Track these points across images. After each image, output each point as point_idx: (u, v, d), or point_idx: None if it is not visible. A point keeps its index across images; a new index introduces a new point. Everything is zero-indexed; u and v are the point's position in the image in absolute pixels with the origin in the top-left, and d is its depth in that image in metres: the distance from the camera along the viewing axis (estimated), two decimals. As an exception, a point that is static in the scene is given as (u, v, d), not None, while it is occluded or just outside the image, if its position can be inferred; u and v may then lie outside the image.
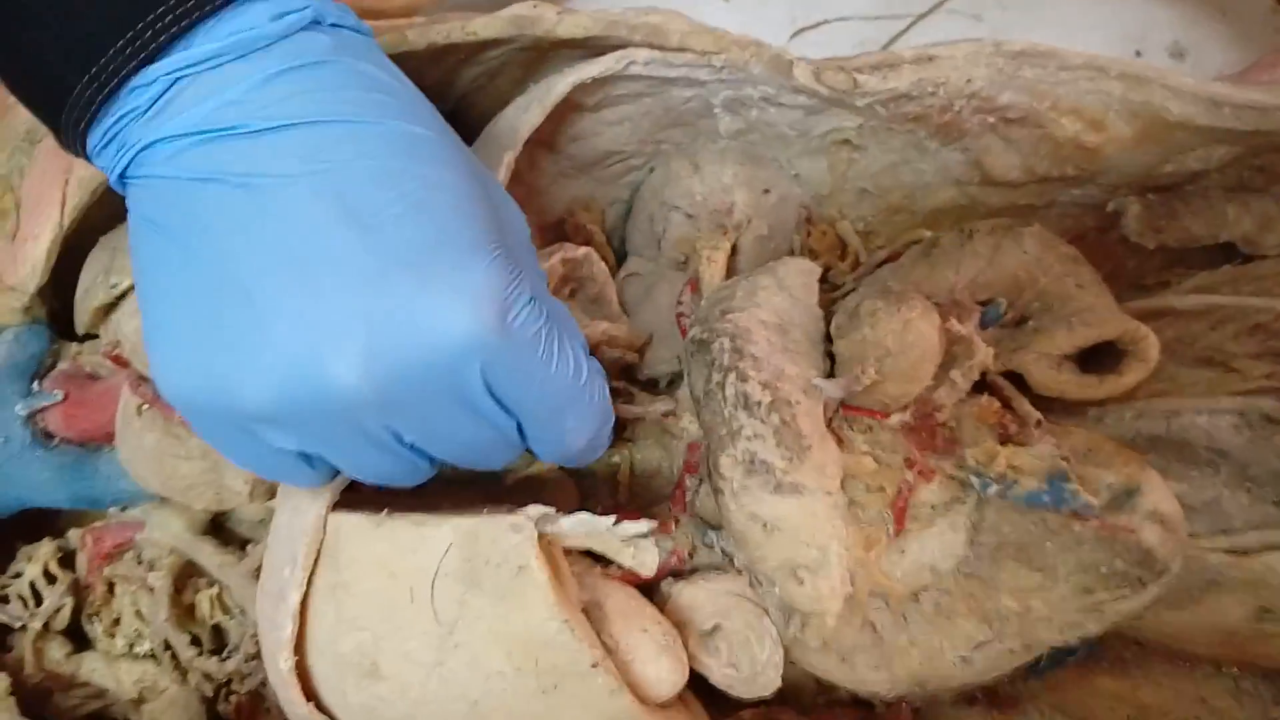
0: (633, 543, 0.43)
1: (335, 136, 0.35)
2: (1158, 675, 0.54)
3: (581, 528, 0.43)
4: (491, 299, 0.35)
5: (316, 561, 0.43)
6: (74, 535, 0.54)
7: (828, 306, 0.56)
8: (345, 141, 0.35)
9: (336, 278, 0.34)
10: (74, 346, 0.56)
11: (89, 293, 0.51)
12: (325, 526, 0.43)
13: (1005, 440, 0.50)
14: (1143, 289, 0.59)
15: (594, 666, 0.41)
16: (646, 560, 0.43)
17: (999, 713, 0.55)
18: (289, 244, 0.34)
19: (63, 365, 0.54)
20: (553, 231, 0.64)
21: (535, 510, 0.42)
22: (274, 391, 0.34)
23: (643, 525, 0.43)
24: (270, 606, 0.43)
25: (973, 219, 0.62)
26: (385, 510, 0.43)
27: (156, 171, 0.35)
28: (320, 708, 0.44)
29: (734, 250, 0.61)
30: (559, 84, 0.53)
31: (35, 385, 0.54)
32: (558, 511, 0.44)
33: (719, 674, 0.49)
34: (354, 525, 0.43)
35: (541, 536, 0.42)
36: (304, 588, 0.42)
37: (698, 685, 0.49)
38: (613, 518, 0.43)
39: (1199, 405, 0.52)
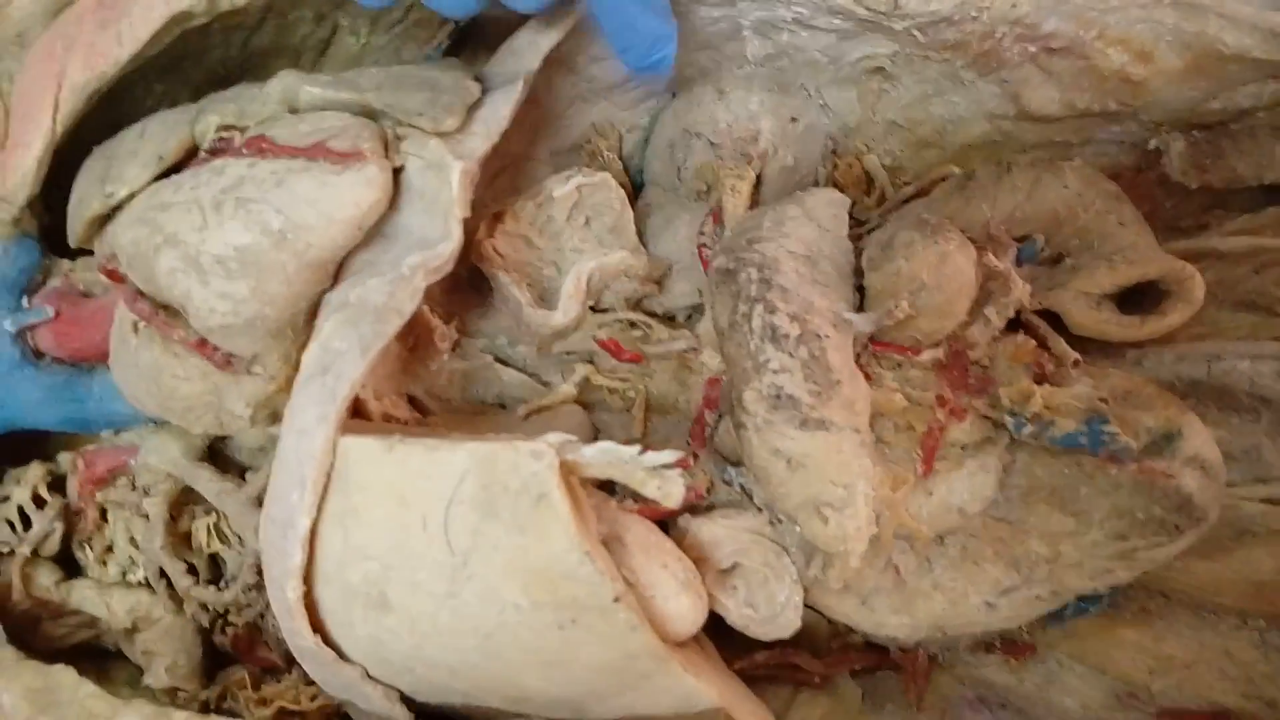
0: (658, 473, 0.41)
1: None
2: (1181, 626, 0.53)
3: (605, 456, 0.41)
4: None
5: (326, 487, 0.41)
6: (64, 459, 0.52)
7: (854, 243, 0.54)
8: None
9: None
10: (66, 263, 0.53)
11: (83, 203, 0.49)
12: (334, 450, 0.41)
13: (1041, 380, 0.48)
14: (1180, 231, 0.57)
15: (616, 600, 0.39)
16: (673, 491, 0.41)
17: (1016, 660, 0.54)
18: None
19: (54, 282, 0.52)
20: (568, 157, 0.61)
21: (556, 437, 0.40)
22: None
23: (668, 455, 0.41)
24: (277, 534, 0.41)
25: (1004, 155, 0.59)
26: (396, 434, 0.41)
27: None
28: (326, 641, 0.42)
29: (758, 181, 0.59)
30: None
31: (25, 301, 0.51)
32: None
33: (736, 614, 0.48)
34: (364, 449, 0.41)
35: (561, 465, 0.40)
36: (313, 514, 0.40)
37: (711, 626, 0.48)
38: (638, 446, 0.41)
39: (1242, 350, 0.50)
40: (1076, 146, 0.59)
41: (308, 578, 0.41)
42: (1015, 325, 0.50)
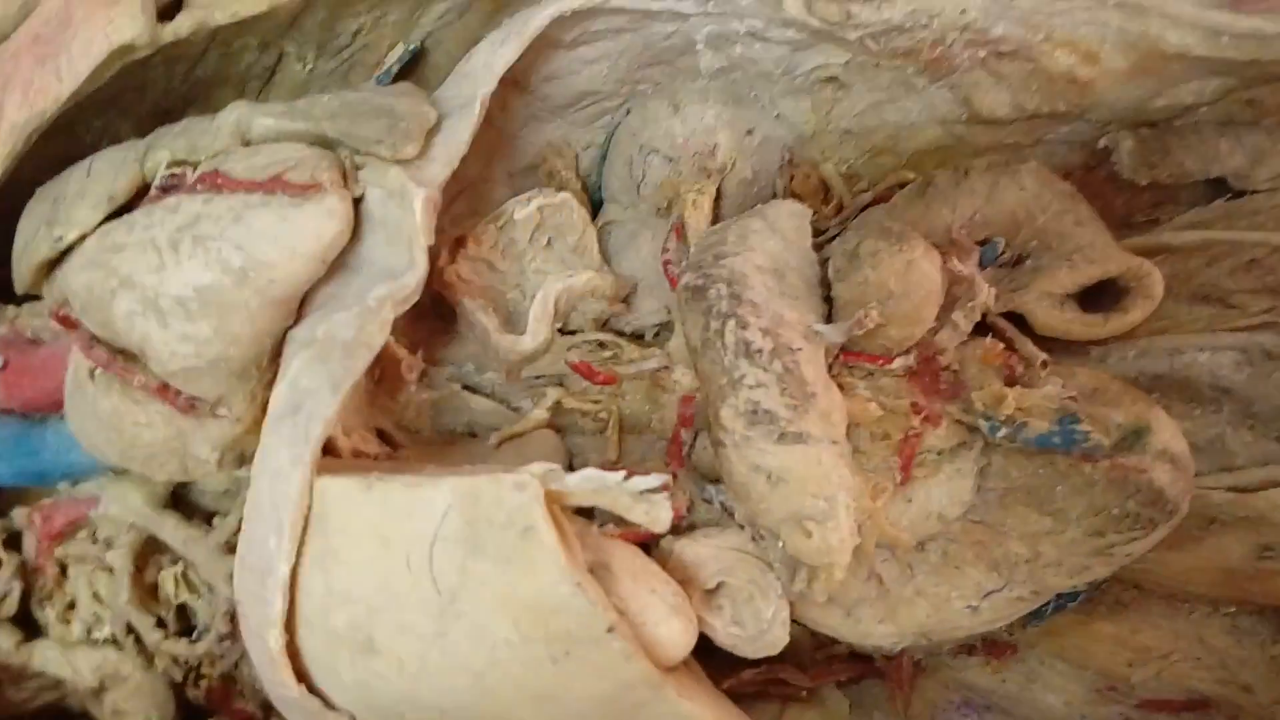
0: (644, 498, 0.40)
1: None
2: (1156, 617, 0.54)
3: (589, 484, 0.40)
4: None
5: (304, 530, 0.39)
6: (19, 514, 0.49)
7: (816, 252, 0.54)
8: None
9: None
10: (10, 309, 0.51)
11: (30, 247, 0.47)
12: (311, 492, 0.39)
13: (1011, 382, 0.49)
14: (1132, 227, 0.58)
15: (610, 630, 0.38)
16: (660, 516, 0.40)
17: (998, 660, 0.55)
18: None
19: (1, 328, 0.50)
20: (525, 177, 0.60)
21: (539, 467, 0.40)
22: None
23: (654, 479, 0.41)
24: (254, 581, 0.40)
25: (957, 159, 0.60)
26: (373, 472, 0.40)
27: None
28: (311, 690, 0.41)
29: (718, 194, 0.59)
30: (537, 16, 0.50)
31: (-32, 352, 0.49)
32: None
33: (724, 633, 0.47)
34: (342, 489, 0.40)
35: (546, 495, 0.39)
36: (292, 559, 0.39)
37: (696, 646, 0.47)
38: (623, 472, 0.40)
39: (1201, 342, 0.51)
40: (1028, 147, 0.59)
41: (289, 625, 0.40)
42: (982, 329, 0.51)
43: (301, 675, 0.41)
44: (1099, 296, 0.52)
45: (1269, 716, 0.51)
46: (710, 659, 0.50)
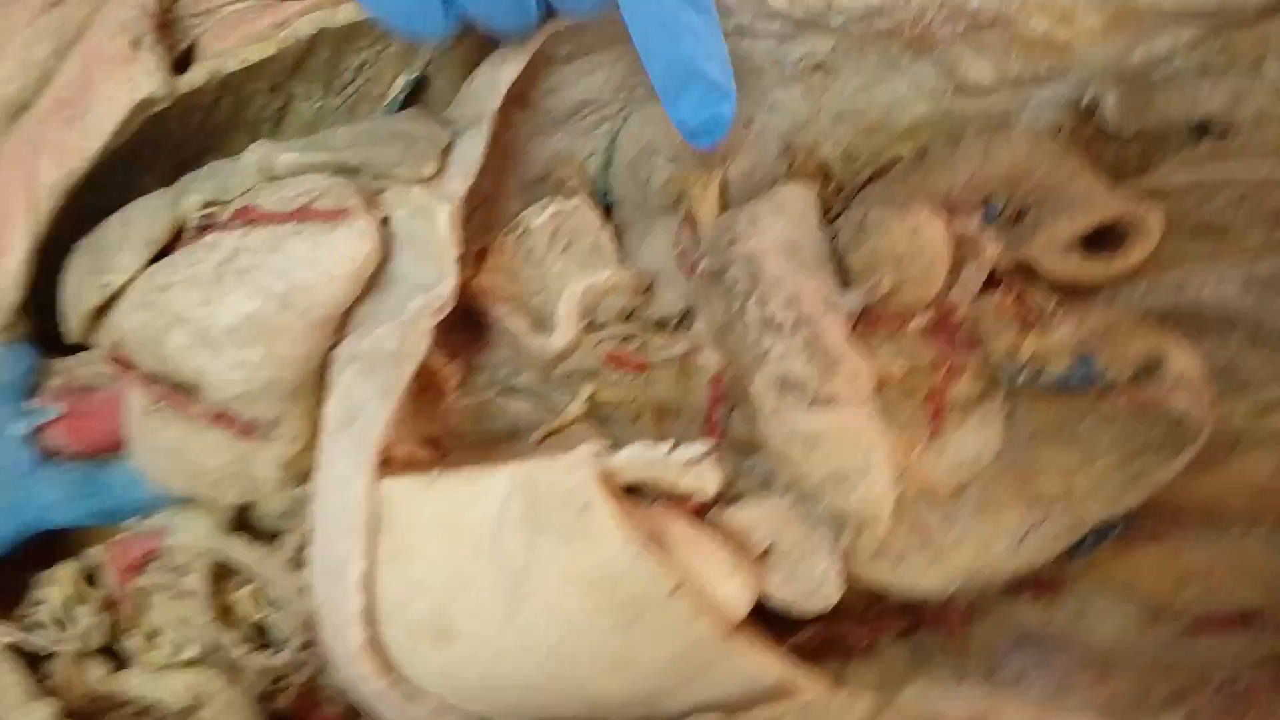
0: (692, 466, 0.42)
1: None
2: (1195, 539, 0.55)
3: (639, 458, 0.42)
4: None
5: (374, 531, 0.41)
6: (94, 552, 0.51)
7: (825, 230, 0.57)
8: None
9: None
10: (62, 361, 0.53)
11: (78, 297, 0.49)
12: (377, 492, 0.42)
13: (1026, 329, 0.51)
14: (1124, 177, 0.60)
15: (674, 591, 0.40)
16: (709, 481, 0.42)
17: (1047, 598, 0.56)
18: None
19: (56, 380, 0.52)
20: (536, 189, 0.63)
21: (589, 447, 0.42)
22: None
23: (699, 446, 0.43)
24: (332, 584, 0.42)
25: (949, 130, 0.62)
26: (434, 469, 0.42)
27: None
28: (398, 679, 0.42)
29: (723, 186, 0.61)
30: (534, 33, 0.53)
31: (30, 404, 0.51)
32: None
33: (779, 594, 0.49)
34: (405, 488, 0.42)
35: (599, 473, 0.41)
36: (365, 558, 0.41)
37: (752, 612, 0.49)
38: (668, 443, 0.42)
39: (1204, 274, 0.53)
40: (1016, 112, 0.62)
41: (370, 622, 0.42)
42: (993, 283, 0.53)
43: (388, 668, 0.42)
44: (1101, 242, 0.54)
45: (1314, 620, 0.52)
46: (767, 625, 0.52)
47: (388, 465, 0.48)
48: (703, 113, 0.46)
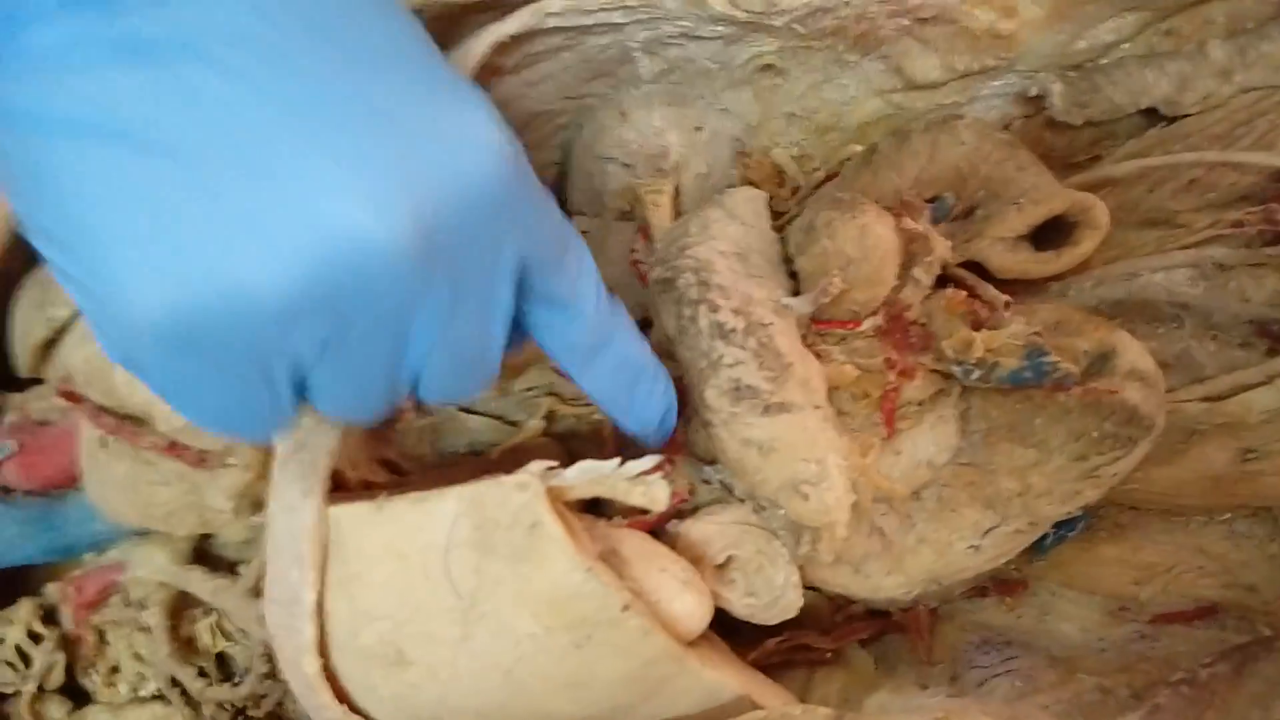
0: (640, 480, 0.42)
1: None
2: (1155, 534, 0.56)
3: (586, 474, 0.42)
4: (503, 130, 0.34)
5: (323, 558, 0.41)
6: (52, 589, 0.51)
7: (778, 233, 0.56)
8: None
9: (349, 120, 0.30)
10: (16, 396, 0.53)
11: (27, 332, 0.49)
12: (325, 521, 0.41)
13: (978, 326, 0.50)
14: (1075, 167, 0.60)
15: (625, 609, 0.40)
16: (658, 496, 0.42)
17: (1011, 598, 0.56)
18: (288, 95, 0.30)
19: (9, 417, 0.52)
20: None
21: (537, 465, 0.42)
22: (304, 269, 0.29)
23: (647, 461, 0.43)
24: (283, 614, 0.42)
25: (900, 126, 0.62)
26: (383, 493, 0.42)
27: (55, 57, 0.29)
28: (353, 708, 0.42)
29: (676, 192, 0.61)
30: (477, 46, 0.52)
31: (-18, 442, 0.51)
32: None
33: (739, 605, 0.49)
34: (354, 514, 0.42)
35: (547, 491, 0.41)
36: (317, 586, 0.41)
37: (716, 625, 0.49)
38: (616, 460, 0.42)
39: (1154, 264, 0.53)
40: (965, 105, 0.62)
41: (322, 650, 0.42)
42: (943, 281, 0.53)
43: (341, 697, 0.42)
44: (1051, 235, 0.54)
45: (1275, 611, 0.53)
46: (734, 635, 0.52)
47: (342, 490, 0.48)
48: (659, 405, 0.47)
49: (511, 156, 0.34)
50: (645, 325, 0.58)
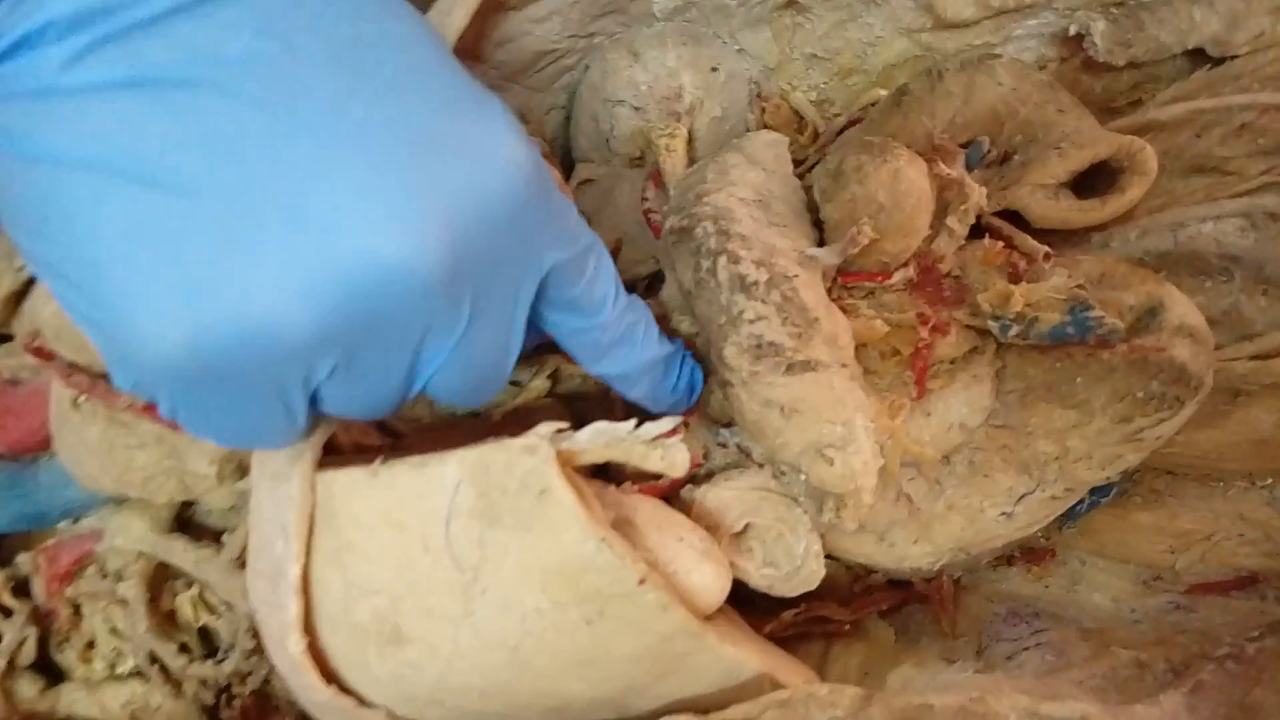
0: (659, 444, 0.39)
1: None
2: (1193, 500, 0.53)
3: (600, 437, 0.39)
4: (525, 142, 0.33)
5: (311, 528, 0.38)
6: (24, 560, 0.48)
7: (800, 180, 0.53)
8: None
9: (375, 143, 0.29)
10: (-17, 354, 0.50)
11: (-9, 284, 0.45)
12: (314, 488, 0.38)
13: (1015, 279, 0.47)
14: (1115, 112, 0.57)
15: (641, 583, 0.37)
16: (677, 460, 0.39)
17: (1039, 567, 0.53)
18: (309, 125, 0.29)
19: (-25, 375, 0.48)
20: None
21: (546, 428, 0.38)
22: (329, 304, 0.29)
23: (666, 423, 0.39)
24: (267, 588, 0.39)
25: (929, 69, 0.59)
26: (378, 458, 0.39)
27: (70, 90, 0.28)
28: (343, 689, 0.39)
29: (690, 137, 0.57)
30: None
31: (-53, 402, 0.47)
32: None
33: (758, 575, 0.46)
34: (347, 481, 0.38)
35: (557, 455, 0.38)
36: (302, 559, 0.37)
37: (732, 595, 0.46)
38: (632, 421, 0.39)
39: (1202, 213, 0.50)
40: (999, 46, 0.58)
41: (310, 627, 0.38)
42: (978, 231, 0.50)
43: (331, 676, 0.39)
44: (1093, 183, 0.51)
45: (1320, 582, 0.50)
46: (749, 607, 0.49)
47: (333, 452, 0.45)
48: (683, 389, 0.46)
49: (534, 168, 0.34)
50: (657, 279, 0.55)
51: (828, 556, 0.48)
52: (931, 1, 0.56)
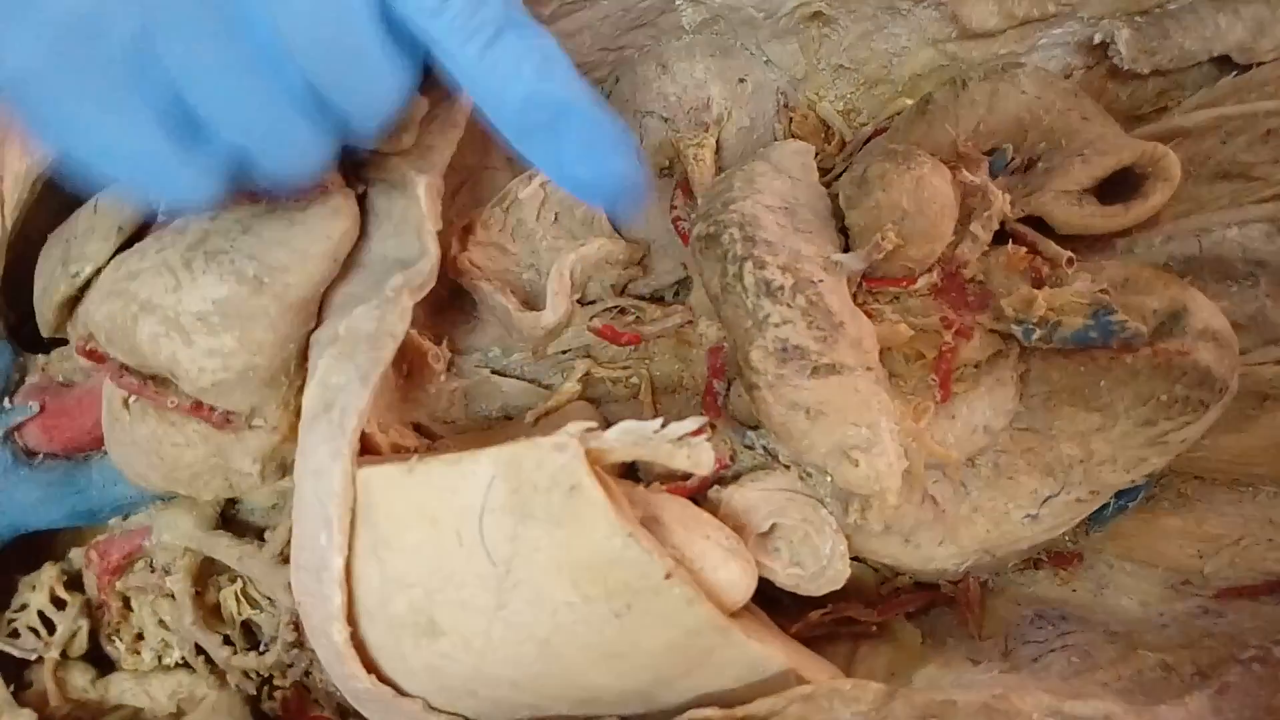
0: (685, 443, 0.40)
1: None
2: (1221, 505, 0.53)
3: (628, 436, 0.40)
4: None
5: (352, 523, 0.39)
6: (77, 555, 0.50)
7: (826, 189, 0.54)
8: None
9: None
10: (41, 357, 0.52)
11: (49, 289, 0.47)
12: (354, 483, 0.40)
13: (1039, 284, 0.48)
14: (1140, 119, 0.57)
15: (668, 577, 0.38)
16: (703, 459, 0.40)
17: (1066, 570, 0.54)
18: None
19: (32, 378, 0.50)
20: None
21: (576, 426, 0.39)
22: None
23: (691, 422, 0.40)
24: (311, 580, 0.40)
25: (954, 78, 0.59)
26: (414, 456, 0.40)
27: None
28: (381, 679, 0.41)
29: (718, 147, 0.58)
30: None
31: (6, 403, 0.49)
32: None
33: (784, 574, 0.47)
34: (384, 476, 0.40)
35: (587, 453, 0.39)
36: (345, 551, 0.39)
37: (758, 596, 0.47)
38: (659, 420, 0.40)
39: (1227, 219, 0.50)
40: (1024, 55, 0.59)
41: (351, 618, 0.40)
42: (1002, 237, 0.50)
43: (370, 666, 0.41)
44: (1117, 189, 0.51)
45: (1350, 587, 0.50)
46: (776, 607, 0.49)
47: (371, 452, 0.46)
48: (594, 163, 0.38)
49: None
50: (686, 285, 0.56)
51: (854, 558, 0.49)
52: (956, 11, 0.57)
